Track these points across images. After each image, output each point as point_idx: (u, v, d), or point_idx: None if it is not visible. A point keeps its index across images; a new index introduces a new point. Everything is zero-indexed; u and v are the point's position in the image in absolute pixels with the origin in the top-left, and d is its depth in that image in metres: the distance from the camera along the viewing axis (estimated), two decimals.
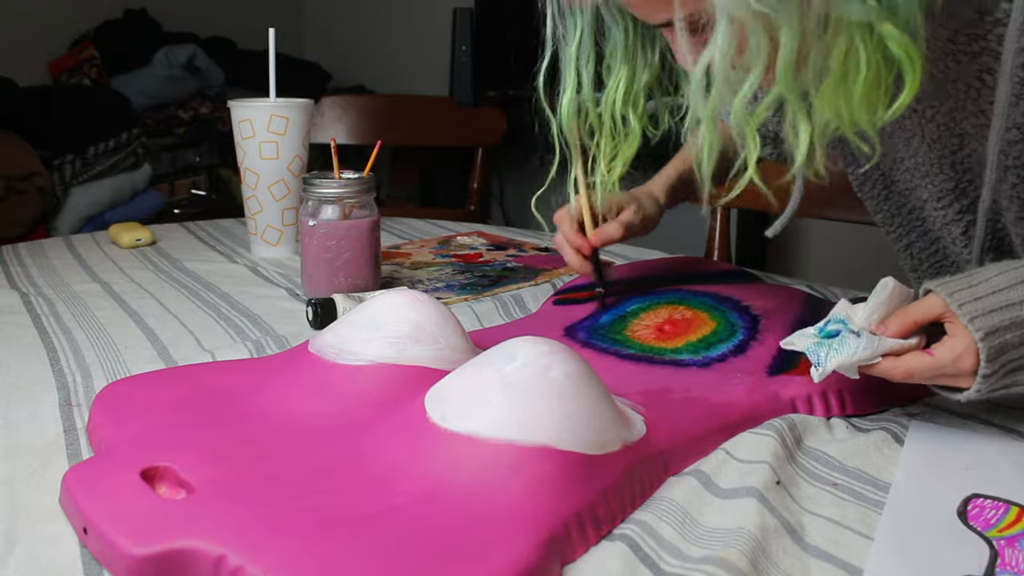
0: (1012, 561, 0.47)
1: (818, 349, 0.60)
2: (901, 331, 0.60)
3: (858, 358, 0.59)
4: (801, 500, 0.53)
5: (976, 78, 0.67)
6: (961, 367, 0.58)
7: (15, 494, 0.52)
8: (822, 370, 0.60)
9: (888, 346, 0.59)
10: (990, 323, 0.57)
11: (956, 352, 0.58)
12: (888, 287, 0.62)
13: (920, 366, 0.59)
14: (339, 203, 0.89)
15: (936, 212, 0.79)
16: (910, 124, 0.76)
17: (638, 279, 0.92)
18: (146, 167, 2.29)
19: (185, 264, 1.07)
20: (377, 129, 1.85)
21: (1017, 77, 0.64)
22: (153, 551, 0.44)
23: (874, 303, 0.61)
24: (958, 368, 0.58)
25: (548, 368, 0.52)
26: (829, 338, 0.61)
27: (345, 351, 0.62)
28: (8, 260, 1.09)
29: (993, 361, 0.57)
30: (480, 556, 0.44)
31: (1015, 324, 0.57)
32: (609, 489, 0.51)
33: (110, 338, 0.80)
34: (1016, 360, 0.58)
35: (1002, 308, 0.57)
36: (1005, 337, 0.57)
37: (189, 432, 0.56)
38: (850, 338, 0.60)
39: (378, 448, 0.53)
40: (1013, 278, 0.58)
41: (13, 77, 2.13)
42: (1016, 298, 0.57)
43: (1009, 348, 0.57)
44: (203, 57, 2.54)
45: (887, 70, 0.57)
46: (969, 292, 0.58)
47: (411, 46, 3.13)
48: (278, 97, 1.10)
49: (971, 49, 0.67)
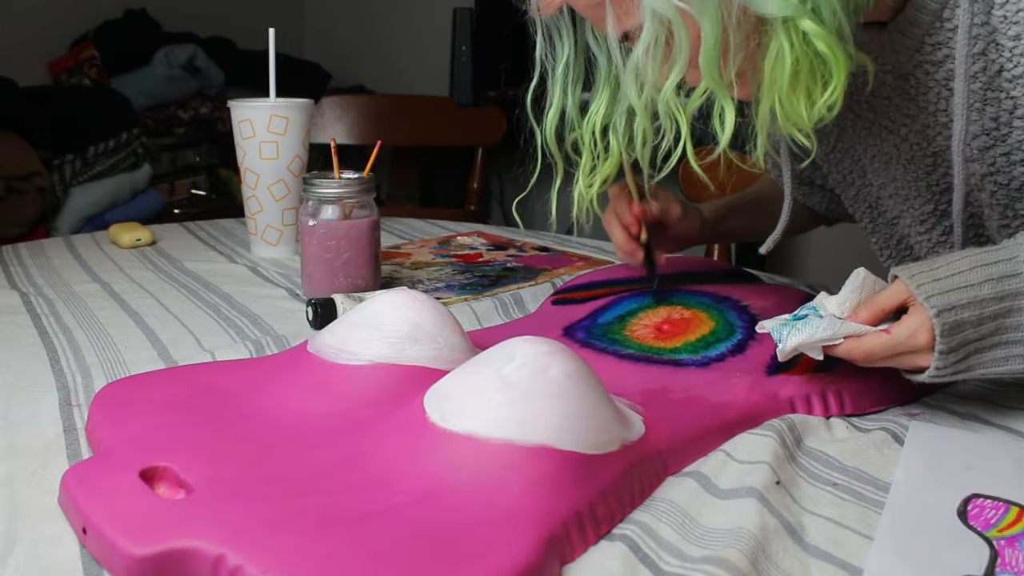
0: (1012, 561, 0.47)
1: (782, 329, 0.63)
2: (870, 318, 0.62)
3: (818, 338, 0.61)
4: (801, 500, 0.53)
5: (944, 87, 0.68)
6: (916, 342, 0.59)
7: (15, 494, 0.52)
8: (782, 347, 0.63)
9: (850, 329, 0.61)
10: (946, 301, 0.58)
11: (911, 328, 0.59)
12: (860, 276, 0.64)
13: (877, 343, 0.60)
14: (339, 203, 0.89)
15: (920, 237, 0.80)
16: (888, 147, 0.76)
17: (639, 279, 0.92)
18: (146, 167, 2.29)
19: (185, 264, 1.07)
20: (377, 129, 1.85)
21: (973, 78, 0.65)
22: (152, 551, 0.44)
23: (846, 292, 0.63)
24: (913, 344, 0.59)
25: (547, 368, 0.52)
26: (798, 320, 0.63)
27: (344, 351, 0.62)
28: (8, 260, 1.09)
29: (949, 337, 0.58)
30: (479, 556, 0.44)
31: (972, 303, 0.58)
32: (608, 489, 0.51)
33: (110, 338, 0.80)
34: (976, 341, 0.59)
35: (960, 288, 0.59)
36: (961, 315, 0.58)
37: (188, 432, 0.56)
38: (815, 320, 0.62)
39: (377, 448, 0.53)
40: (973, 262, 0.60)
41: (13, 77, 2.13)
42: (975, 279, 0.59)
43: (966, 326, 0.58)
44: (203, 57, 2.55)
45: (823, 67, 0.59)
46: (929, 275, 0.60)
47: (411, 46, 3.13)
48: (278, 97, 1.10)
49: (935, 58, 0.68)
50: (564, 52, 0.73)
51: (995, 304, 0.59)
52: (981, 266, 0.59)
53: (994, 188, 0.70)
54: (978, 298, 0.58)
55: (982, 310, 0.58)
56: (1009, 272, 0.59)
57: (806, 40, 0.58)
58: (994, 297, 0.58)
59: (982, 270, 0.59)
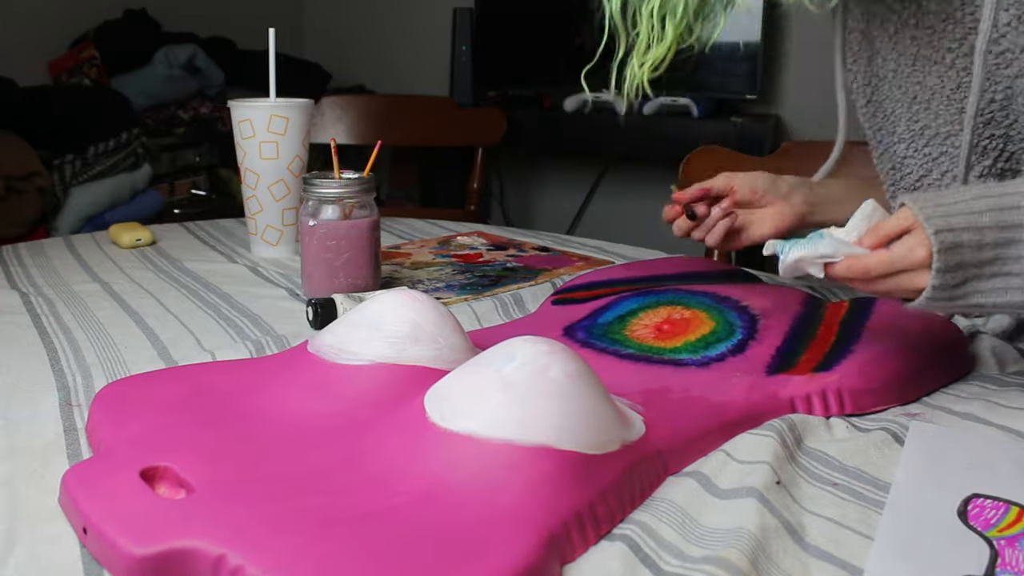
0: (1012, 561, 0.47)
1: (785, 244, 0.64)
2: (874, 243, 0.62)
3: (819, 253, 0.62)
4: (801, 500, 0.53)
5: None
6: (914, 258, 0.60)
7: (15, 494, 0.52)
8: (783, 259, 0.64)
9: (851, 249, 0.62)
10: (945, 222, 0.59)
11: (909, 245, 0.60)
12: (869, 206, 0.65)
13: (875, 260, 0.61)
14: (339, 203, 0.89)
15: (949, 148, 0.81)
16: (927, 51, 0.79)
17: (638, 279, 0.92)
18: (146, 167, 2.28)
19: (185, 264, 1.07)
20: (377, 129, 1.85)
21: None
22: (153, 551, 0.44)
23: (854, 222, 0.64)
24: (911, 260, 0.60)
25: (547, 368, 0.52)
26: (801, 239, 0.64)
27: (345, 351, 0.62)
28: (8, 260, 1.09)
29: (946, 255, 0.58)
30: (480, 556, 0.44)
31: (972, 228, 0.59)
32: (608, 489, 0.51)
33: (110, 338, 0.80)
34: (974, 266, 0.59)
35: (961, 214, 0.59)
36: (960, 237, 0.59)
37: (189, 432, 0.56)
38: (817, 239, 0.63)
39: (377, 448, 0.53)
40: (979, 193, 0.60)
41: (13, 77, 2.13)
42: (977, 208, 0.59)
43: (964, 249, 0.59)
44: (203, 57, 2.54)
45: None
46: (934, 201, 0.61)
47: (411, 46, 3.13)
48: (278, 97, 1.10)
49: None
50: None
51: (996, 232, 0.59)
52: (985, 196, 0.60)
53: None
54: (978, 224, 0.59)
55: (982, 236, 0.59)
56: (1013, 204, 0.59)
57: None
58: (995, 225, 0.59)
59: (986, 200, 0.60)
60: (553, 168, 2.87)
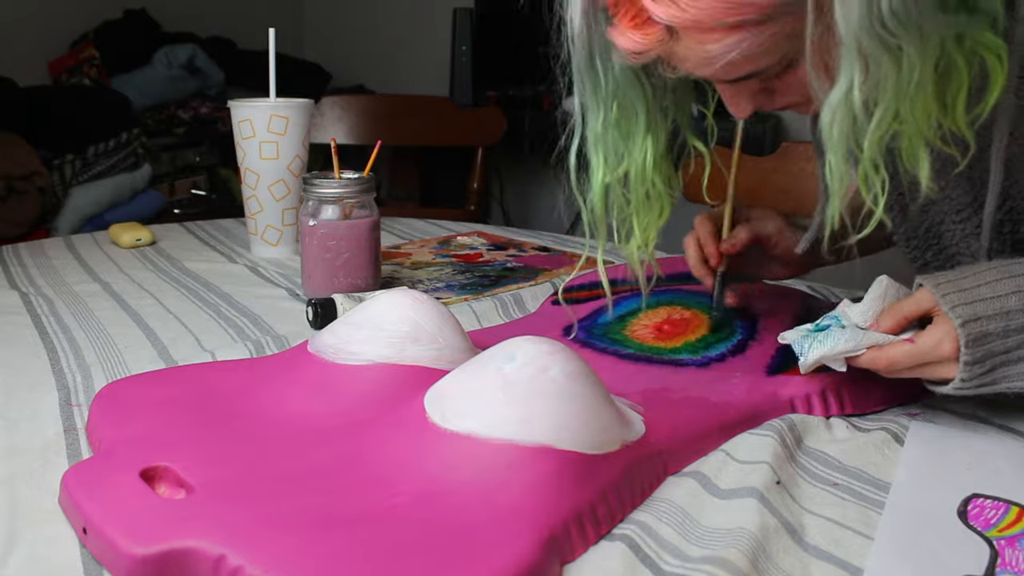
0: (1012, 561, 0.47)
1: (803, 341, 0.63)
2: (892, 326, 0.61)
3: (840, 350, 0.61)
4: (801, 500, 0.53)
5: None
6: (941, 352, 0.58)
7: (15, 494, 0.52)
8: (803, 360, 0.62)
9: (873, 339, 0.60)
10: (972, 311, 0.57)
11: (936, 338, 0.59)
12: (883, 284, 0.63)
13: (901, 353, 0.60)
14: (339, 203, 0.89)
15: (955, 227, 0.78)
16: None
17: None
18: (146, 167, 2.28)
19: (185, 264, 1.07)
20: (377, 129, 1.85)
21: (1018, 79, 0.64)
22: (153, 551, 0.44)
23: (869, 300, 0.62)
24: (938, 354, 0.58)
25: (547, 368, 0.52)
26: (819, 332, 0.62)
27: (345, 351, 0.62)
28: (8, 260, 1.09)
29: (973, 347, 0.57)
30: (480, 556, 0.44)
31: (999, 315, 0.57)
32: (609, 489, 0.51)
33: (110, 338, 0.80)
34: (1002, 353, 0.58)
35: (987, 299, 0.58)
36: (987, 327, 0.57)
37: (189, 432, 0.56)
38: (837, 331, 0.62)
39: (378, 448, 0.53)
40: (1002, 273, 0.59)
41: (13, 77, 2.13)
42: (1002, 291, 0.58)
43: (992, 338, 0.57)
44: (203, 57, 2.54)
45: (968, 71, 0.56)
46: (955, 284, 0.59)
47: (411, 46, 3.13)
48: (278, 97, 1.10)
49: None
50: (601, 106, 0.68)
51: (1021, 317, 0.57)
52: (1009, 277, 0.58)
53: None
54: (1005, 309, 0.57)
55: (1008, 322, 0.57)
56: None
57: (969, 46, 0.55)
58: (1020, 309, 0.57)
59: (1010, 281, 0.58)
60: (553, 169, 2.87)
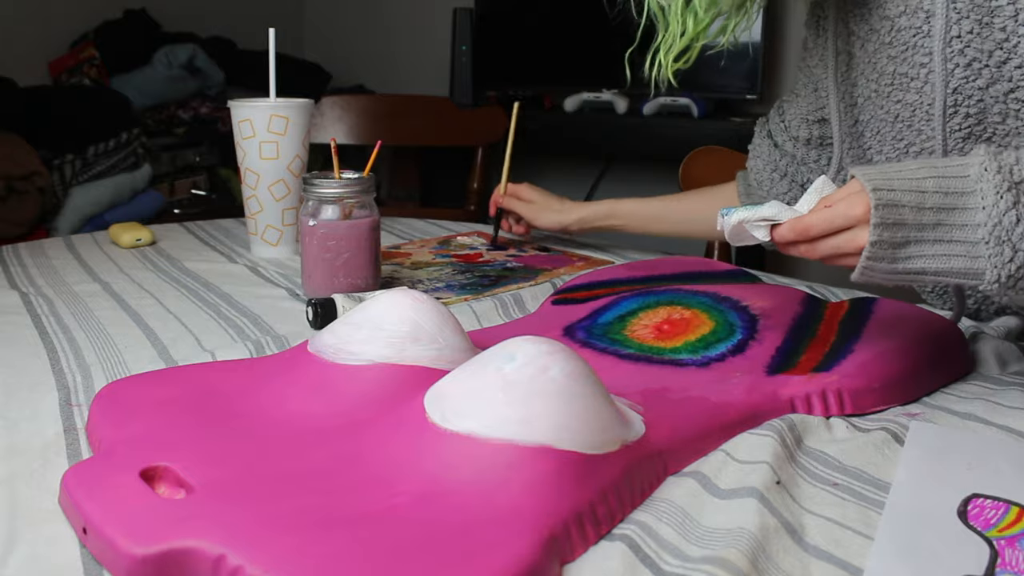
0: (1012, 561, 0.47)
1: (731, 209, 0.65)
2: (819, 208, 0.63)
3: (761, 215, 0.63)
4: (801, 500, 0.53)
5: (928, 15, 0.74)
6: (852, 214, 0.60)
7: (15, 494, 0.52)
8: (726, 221, 0.65)
9: (793, 213, 0.63)
10: (886, 182, 0.59)
11: (848, 203, 0.60)
12: (821, 181, 0.66)
13: (815, 218, 0.62)
14: (339, 203, 0.89)
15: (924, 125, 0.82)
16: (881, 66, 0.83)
17: (638, 279, 0.92)
18: (146, 167, 2.28)
19: (185, 264, 1.07)
20: (377, 129, 1.85)
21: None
22: (153, 551, 0.44)
23: (807, 196, 0.65)
24: (849, 216, 0.60)
25: (547, 368, 0.52)
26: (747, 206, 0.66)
27: (345, 351, 0.62)
28: (8, 260, 1.09)
29: (884, 210, 0.58)
30: (480, 556, 0.44)
31: (912, 190, 0.59)
32: (608, 489, 0.51)
33: (110, 338, 0.80)
34: (915, 226, 0.59)
35: (903, 178, 0.60)
36: (900, 197, 0.59)
37: (189, 432, 0.56)
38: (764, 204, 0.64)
39: (377, 448, 0.53)
40: (923, 163, 0.61)
41: (13, 77, 2.13)
42: (920, 175, 0.60)
43: (904, 208, 0.59)
44: (203, 57, 2.54)
45: None
46: (880, 169, 0.61)
47: (411, 46, 3.13)
48: (278, 97, 1.10)
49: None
50: None
51: (938, 196, 0.59)
52: (930, 166, 0.60)
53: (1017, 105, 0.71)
54: (920, 188, 0.59)
55: (922, 199, 0.59)
56: (956, 174, 0.59)
57: None
58: (938, 191, 0.59)
59: (930, 168, 0.60)
60: (553, 168, 2.86)
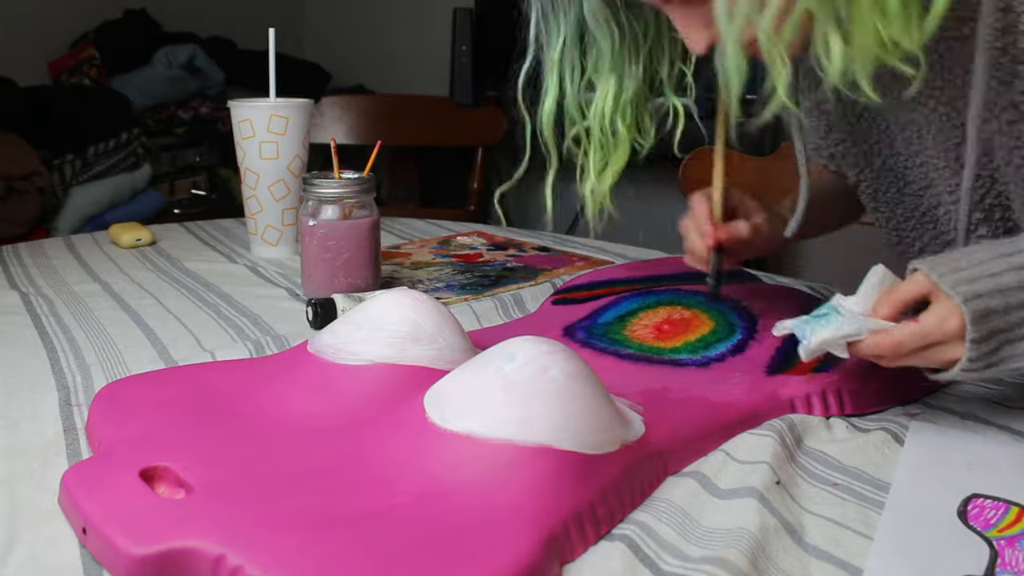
0: (1012, 561, 0.47)
1: (804, 327, 0.62)
2: (891, 312, 0.60)
3: (843, 333, 0.60)
4: (801, 500, 0.53)
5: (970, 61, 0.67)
6: (946, 330, 0.58)
7: (15, 494, 0.52)
8: (805, 344, 0.61)
9: (875, 325, 0.60)
10: (971, 289, 0.57)
11: (940, 316, 0.58)
12: (878, 273, 0.63)
13: (906, 334, 0.59)
14: (339, 203, 0.89)
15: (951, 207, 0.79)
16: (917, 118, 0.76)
17: (638, 279, 0.92)
18: (146, 167, 2.29)
19: (185, 264, 1.07)
20: (377, 129, 1.85)
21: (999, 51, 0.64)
22: (152, 551, 0.44)
23: (864, 289, 0.62)
24: (943, 332, 0.58)
25: (547, 368, 0.52)
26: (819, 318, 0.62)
27: (344, 351, 0.62)
28: (8, 260, 1.09)
29: (979, 325, 0.57)
30: (480, 556, 0.44)
31: (997, 292, 0.57)
32: (608, 489, 0.51)
33: (110, 338, 0.80)
34: (1005, 331, 0.58)
35: (983, 278, 0.58)
36: (988, 303, 0.57)
37: (188, 432, 0.56)
38: (836, 317, 0.61)
39: (377, 448, 0.53)
40: (993, 253, 0.59)
41: (13, 77, 2.13)
42: (996, 269, 0.58)
43: (994, 315, 0.57)
44: (203, 57, 2.54)
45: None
46: (950, 266, 0.59)
47: (411, 46, 3.13)
48: (278, 97, 1.10)
49: (961, 33, 0.67)
50: (560, 34, 0.70)
51: (1020, 293, 0.58)
52: (1001, 256, 0.59)
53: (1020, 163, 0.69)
54: (1002, 286, 0.57)
55: (1008, 299, 0.57)
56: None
57: None
58: (1018, 286, 0.58)
59: (1003, 260, 0.58)
60: None
